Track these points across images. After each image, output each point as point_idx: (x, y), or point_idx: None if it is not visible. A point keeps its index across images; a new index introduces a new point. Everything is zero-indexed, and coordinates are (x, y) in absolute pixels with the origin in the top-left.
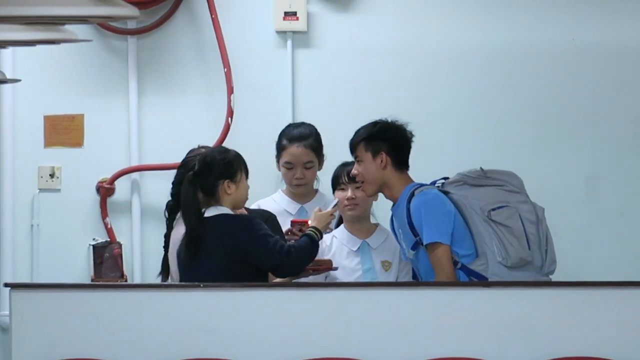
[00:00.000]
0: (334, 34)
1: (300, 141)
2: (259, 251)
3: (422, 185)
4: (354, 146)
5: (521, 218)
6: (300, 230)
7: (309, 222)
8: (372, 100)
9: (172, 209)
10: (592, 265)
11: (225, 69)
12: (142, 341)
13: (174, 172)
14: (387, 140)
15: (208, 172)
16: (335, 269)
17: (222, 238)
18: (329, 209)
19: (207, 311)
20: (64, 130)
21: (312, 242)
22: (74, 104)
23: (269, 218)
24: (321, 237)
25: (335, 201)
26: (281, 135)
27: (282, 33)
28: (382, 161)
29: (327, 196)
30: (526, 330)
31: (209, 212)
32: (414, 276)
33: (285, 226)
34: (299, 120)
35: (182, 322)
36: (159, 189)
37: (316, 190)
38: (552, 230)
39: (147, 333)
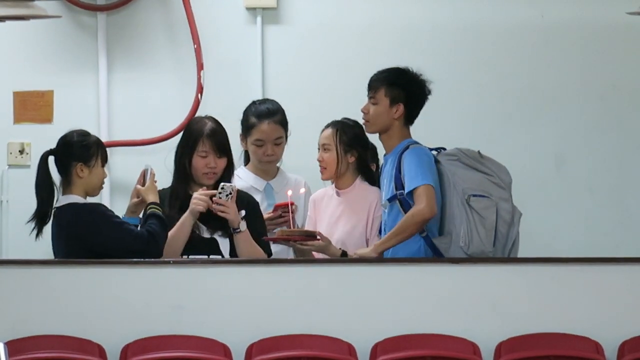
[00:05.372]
0: (303, 10)
1: (269, 117)
2: (118, 240)
3: (418, 143)
4: (374, 87)
5: (497, 214)
6: (285, 212)
7: (148, 199)
8: (340, 76)
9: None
10: (560, 241)
11: (195, 45)
12: (112, 317)
13: (143, 148)
14: (408, 93)
15: (65, 151)
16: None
17: (68, 229)
18: (148, 179)
19: (176, 287)
20: (33, 107)
21: (159, 219)
22: (44, 80)
23: (250, 203)
24: (162, 209)
25: (149, 169)
26: (248, 113)
27: (251, 9)
28: (397, 111)
29: (287, 173)
30: (494, 306)
31: (59, 202)
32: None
33: None
34: (269, 96)
35: (151, 299)
36: (129, 164)
37: (278, 167)
38: (521, 207)
39: (116, 309)
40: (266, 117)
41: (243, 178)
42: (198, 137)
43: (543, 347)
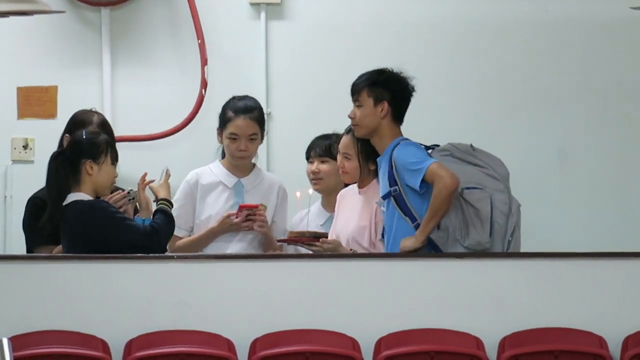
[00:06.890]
0: (307, 6)
1: (245, 113)
2: (120, 235)
3: (408, 140)
4: (356, 90)
5: (492, 205)
6: (248, 215)
7: (159, 195)
8: (344, 72)
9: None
10: (563, 236)
11: (199, 41)
12: (116, 313)
13: (147, 143)
14: (391, 91)
15: (74, 149)
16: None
17: (72, 226)
18: (162, 177)
19: (180, 282)
20: (37, 102)
21: (166, 215)
22: (47, 75)
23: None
24: (172, 206)
25: (165, 168)
26: (226, 108)
27: (255, 5)
28: (382, 110)
29: (263, 171)
30: (498, 301)
31: (66, 200)
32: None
33: (222, 198)
34: (273, 91)
35: (155, 294)
36: (132, 160)
37: (253, 165)
38: (523, 202)
39: (120, 304)
40: (243, 112)
41: (215, 172)
42: (86, 123)
43: (547, 342)
